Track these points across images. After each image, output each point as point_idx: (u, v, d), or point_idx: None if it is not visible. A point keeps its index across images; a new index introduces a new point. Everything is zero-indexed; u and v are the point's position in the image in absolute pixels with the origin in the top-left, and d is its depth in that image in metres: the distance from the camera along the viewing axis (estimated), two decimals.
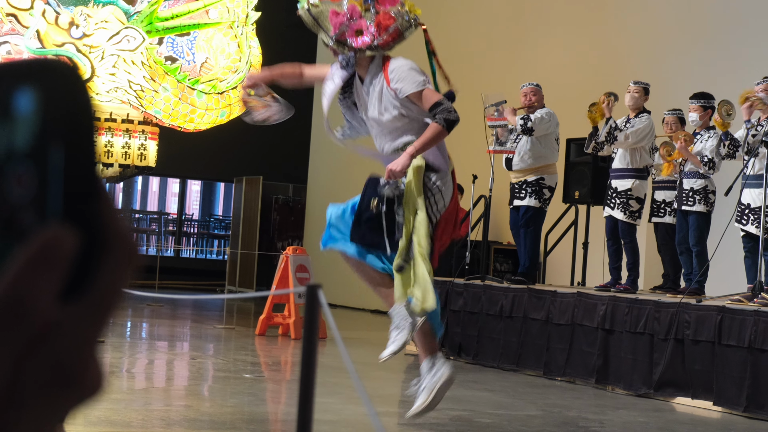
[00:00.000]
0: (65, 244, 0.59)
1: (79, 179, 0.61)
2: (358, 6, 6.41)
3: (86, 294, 0.60)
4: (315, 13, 6.45)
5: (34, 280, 0.58)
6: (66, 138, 0.60)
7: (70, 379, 0.59)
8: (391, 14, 6.42)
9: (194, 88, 15.02)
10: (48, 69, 0.62)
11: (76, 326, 0.60)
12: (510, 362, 10.73)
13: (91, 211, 0.61)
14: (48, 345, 0.59)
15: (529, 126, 10.95)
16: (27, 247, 0.59)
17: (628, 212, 10.61)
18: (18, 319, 0.58)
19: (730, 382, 8.57)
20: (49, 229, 0.59)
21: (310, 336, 2.83)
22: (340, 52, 6.44)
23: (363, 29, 6.35)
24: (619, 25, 14.52)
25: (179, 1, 15.15)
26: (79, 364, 0.60)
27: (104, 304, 0.61)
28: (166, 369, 9.90)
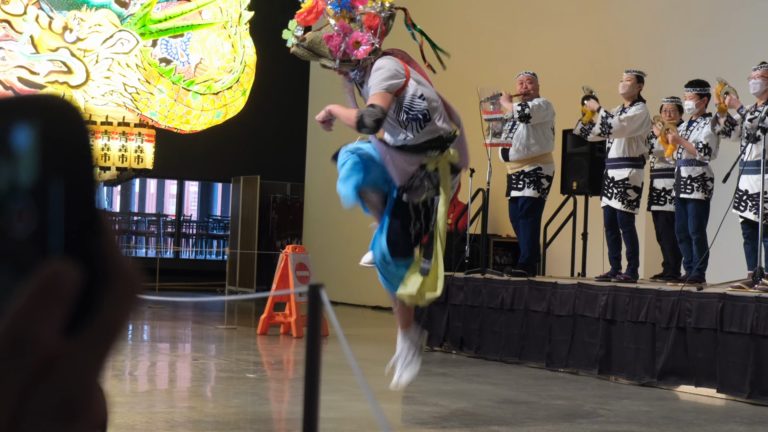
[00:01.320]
0: (68, 278, 0.59)
1: (80, 213, 0.61)
2: (344, 20, 6.56)
3: (89, 328, 0.60)
4: (307, 45, 6.59)
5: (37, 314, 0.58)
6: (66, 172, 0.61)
7: (73, 413, 0.60)
8: (372, 13, 6.55)
9: (189, 89, 15.01)
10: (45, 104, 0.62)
11: (79, 360, 0.60)
12: (512, 355, 10.73)
13: (93, 245, 0.61)
14: (51, 379, 0.59)
15: (526, 112, 10.94)
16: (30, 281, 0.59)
17: (626, 201, 10.61)
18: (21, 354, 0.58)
19: (733, 369, 8.57)
20: (52, 263, 0.59)
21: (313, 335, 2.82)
22: (347, 69, 6.60)
23: (359, 39, 6.47)
24: (614, 13, 14.51)
25: (172, 3, 15.14)
26: (83, 397, 0.60)
27: (107, 337, 0.61)
28: (169, 371, 9.90)
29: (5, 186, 0.60)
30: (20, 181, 0.60)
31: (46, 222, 0.60)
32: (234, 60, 15.46)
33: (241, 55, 15.49)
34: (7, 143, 0.61)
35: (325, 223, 19.59)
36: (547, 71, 13.79)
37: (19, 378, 0.58)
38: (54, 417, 0.59)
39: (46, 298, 0.59)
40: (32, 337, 0.58)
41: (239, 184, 22.39)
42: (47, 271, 0.59)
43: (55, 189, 0.60)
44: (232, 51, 15.46)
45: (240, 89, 15.48)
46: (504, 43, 16.16)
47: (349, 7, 6.58)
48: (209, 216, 27.58)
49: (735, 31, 12.76)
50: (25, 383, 0.58)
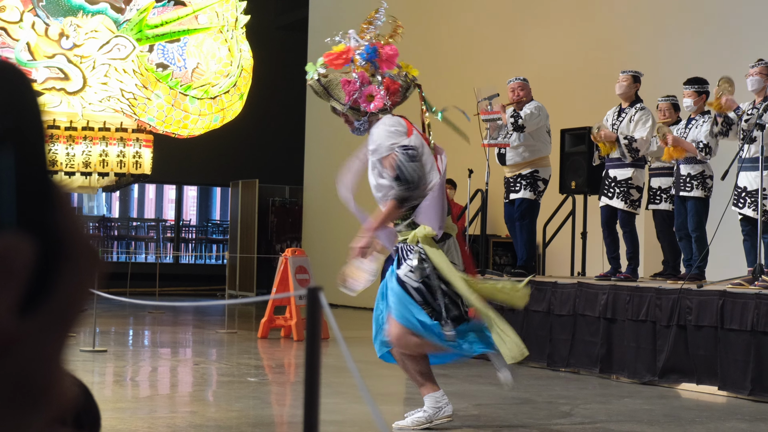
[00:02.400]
0: (21, 253, 0.56)
1: (33, 185, 0.57)
2: (366, 73, 6.75)
3: (46, 305, 0.57)
4: (325, 83, 6.77)
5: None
6: (15, 141, 0.57)
7: (35, 395, 0.56)
8: (396, 79, 6.78)
9: (187, 94, 15.01)
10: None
11: (37, 339, 0.56)
12: None
13: (48, 218, 0.58)
14: (9, 360, 0.55)
15: (519, 123, 10.95)
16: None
17: (629, 201, 10.60)
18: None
19: (734, 366, 8.57)
20: (3, 238, 0.56)
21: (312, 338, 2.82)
22: (354, 118, 6.77)
23: (374, 94, 6.64)
24: (610, 12, 14.52)
25: (168, 8, 15.14)
26: (44, 378, 0.57)
27: (65, 314, 0.58)
28: (170, 376, 9.90)
29: None
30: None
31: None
32: (231, 64, 15.46)
33: (238, 59, 15.50)
34: None
35: (325, 226, 19.59)
36: (543, 72, 13.80)
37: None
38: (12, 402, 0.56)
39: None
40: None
41: (238, 188, 22.40)
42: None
43: (4, 159, 0.57)
44: (228, 55, 15.46)
45: (237, 93, 15.48)
46: (500, 43, 16.16)
47: (375, 64, 6.78)
48: (208, 220, 27.58)
49: (732, 29, 12.76)
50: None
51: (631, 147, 10.54)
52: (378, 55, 6.79)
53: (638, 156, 10.56)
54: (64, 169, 14.87)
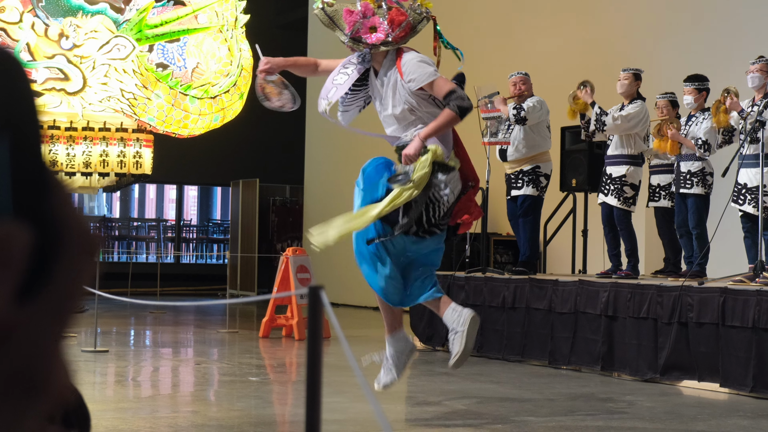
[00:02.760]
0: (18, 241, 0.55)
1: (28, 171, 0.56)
2: (371, 3, 6.62)
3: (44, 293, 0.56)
4: (330, 12, 6.65)
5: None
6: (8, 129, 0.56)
7: (33, 384, 0.56)
8: (404, 9, 6.63)
9: (187, 94, 15.01)
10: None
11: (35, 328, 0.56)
12: (514, 353, 10.73)
13: (44, 205, 0.57)
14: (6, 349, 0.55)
15: (522, 115, 10.95)
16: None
17: (623, 198, 10.60)
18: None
19: (735, 363, 8.57)
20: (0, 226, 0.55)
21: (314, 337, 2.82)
22: (356, 48, 6.67)
23: (377, 26, 6.56)
24: (610, 9, 14.51)
25: (168, 8, 15.14)
26: (43, 367, 0.56)
27: (64, 301, 0.57)
28: (172, 375, 9.90)
29: None
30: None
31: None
32: (231, 63, 15.46)
33: (238, 59, 15.50)
34: None
35: None
36: (543, 69, 13.80)
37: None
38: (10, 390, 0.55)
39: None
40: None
41: (238, 187, 22.40)
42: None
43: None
44: (228, 55, 15.46)
45: (237, 93, 15.49)
46: (500, 41, 16.16)
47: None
48: (209, 220, 27.58)
49: (731, 26, 12.76)
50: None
51: (599, 118, 10.55)
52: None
53: (602, 131, 10.57)
54: (65, 169, 14.88)
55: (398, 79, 6.62)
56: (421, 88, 6.55)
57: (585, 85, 10.80)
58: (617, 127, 10.51)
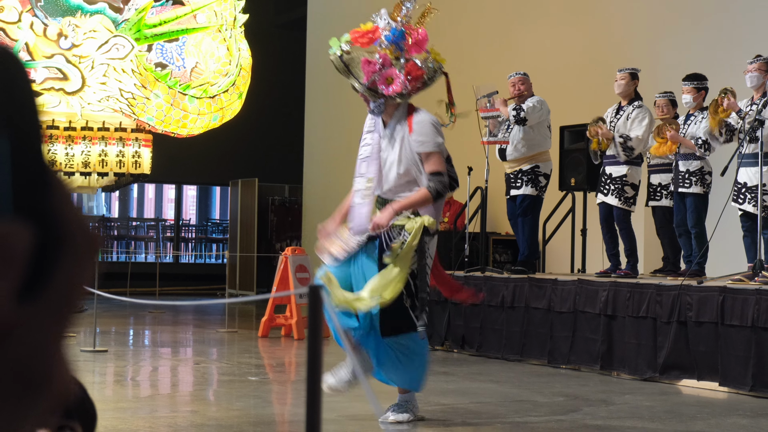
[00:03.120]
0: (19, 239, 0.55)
1: (28, 170, 0.56)
2: (389, 55, 6.68)
3: (45, 291, 0.56)
4: (346, 60, 6.71)
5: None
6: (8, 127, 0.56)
7: (35, 383, 0.56)
8: (420, 65, 6.71)
9: (186, 93, 15.01)
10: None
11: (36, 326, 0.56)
12: (514, 352, 10.73)
13: (45, 204, 0.57)
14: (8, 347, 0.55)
15: (522, 116, 10.95)
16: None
17: (623, 198, 10.60)
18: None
19: (735, 362, 8.57)
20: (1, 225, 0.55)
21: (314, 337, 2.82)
22: (371, 99, 6.71)
23: (393, 77, 6.60)
24: (609, 9, 14.51)
25: (167, 8, 15.14)
26: (44, 365, 0.56)
27: (65, 300, 0.57)
28: (171, 375, 9.90)
29: None
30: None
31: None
32: (230, 63, 15.46)
33: (237, 58, 15.50)
34: None
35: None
36: (542, 68, 13.80)
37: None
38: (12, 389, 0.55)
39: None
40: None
41: (237, 187, 22.40)
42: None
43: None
44: (227, 54, 15.46)
45: (236, 92, 15.48)
46: (499, 41, 16.16)
47: (401, 47, 6.72)
48: (208, 220, 27.58)
49: (730, 25, 12.76)
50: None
51: (626, 146, 10.53)
52: (404, 38, 6.71)
53: (633, 155, 10.56)
54: (64, 169, 14.87)
55: (407, 134, 6.69)
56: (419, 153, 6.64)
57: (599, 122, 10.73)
58: (643, 143, 10.53)
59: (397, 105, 6.74)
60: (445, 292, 7.43)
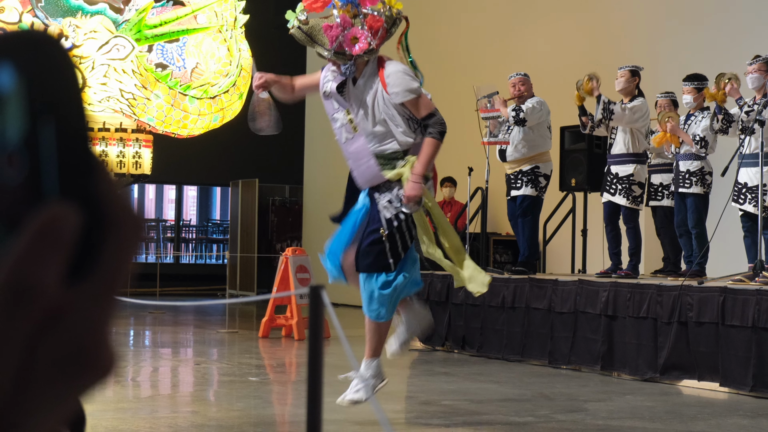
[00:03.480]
0: (67, 222, 0.57)
1: (74, 154, 0.58)
2: (347, 15, 6.64)
3: (92, 272, 0.58)
4: (307, 30, 6.68)
5: (38, 262, 0.56)
6: (55, 112, 0.58)
7: (84, 360, 0.58)
8: (378, 15, 6.63)
9: (186, 94, 15.01)
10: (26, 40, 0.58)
11: (85, 306, 0.58)
12: (514, 353, 10.73)
13: (90, 187, 0.58)
14: (59, 328, 0.57)
15: (521, 117, 10.94)
16: (27, 228, 0.56)
17: (631, 197, 10.60)
18: (25, 304, 0.56)
19: (735, 362, 8.57)
20: (49, 208, 0.56)
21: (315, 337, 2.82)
22: (340, 62, 6.69)
23: (357, 36, 6.55)
24: (610, 9, 14.52)
25: (167, 8, 15.14)
26: (93, 344, 0.58)
27: (112, 281, 0.59)
28: (171, 376, 9.90)
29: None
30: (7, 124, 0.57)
31: (39, 166, 0.57)
32: (230, 64, 15.46)
33: (237, 59, 15.50)
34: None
35: (325, 224, 19.51)
36: (542, 68, 13.80)
37: (24, 328, 0.56)
38: (63, 367, 0.57)
39: (45, 244, 0.56)
40: (35, 286, 0.56)
41: (238, 187, 22.40)
42: (45, 216, 0.56)
43: (45, 130, 0.57)
44: (228, 55, 15.46)
45: (237, 93, 15.48)
46: (499, 41, 16.16)
47: (355, 3, 6.67)
48: (208, 220, 27.58)
49: (731, 25, 12.76)
50: (31, 334, 0.56)
51: (607, 107, 10.54)
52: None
53: (610, 118, 10.56)
54: None
55: (380, 89, 6.67)
56: (402, 104, 6.62)
57: (593, 79, 10.77)
58: (623, 117, 10.49)
59: (366, 62, 6.71)
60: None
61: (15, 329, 0.56)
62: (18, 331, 0.56)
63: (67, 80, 0.59)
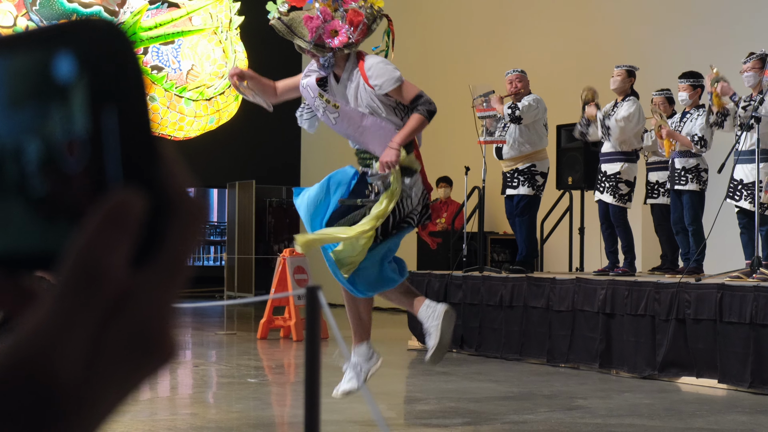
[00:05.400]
0: (133, 207, 0.58)
1: (136, 140, 0.59)
2: (328, 8, 6.63)
3: (157, 258, 0.59)
4: (287, 21, 6.69)
5: (105, 246, 0.57)
6: (116, 99, 0.58)
7: (149, 346, 0.59)
8: (359, 10, 6.65)
9: (182, 96, 15.01)
10: (87, 28, 0.59)
11: (150, 292, 0.59)
12: (513, 352, 10.73)
13: (154, 173, 0.59)
14: (125, 312, 0.58)
15: (517, 115, 10.95)
16: (95, 213, 0.57)
17: (618, 195, 10.61)
18: (93, 287, 0.57)
19: (733, 359, 8.57)
20: (115, 193, 0.57)
21: (312, 338, 2.83)
22: (319, 54, 6.69)
23: (337, 29, 6.56)
24: (605, 7, 14.52)
25: (162, 10, 15.14)
26: (157, 330, 0.59)
27: (176, 267, 0.60)
28: (170, 378, 9.89)
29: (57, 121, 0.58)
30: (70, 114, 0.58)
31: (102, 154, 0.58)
32: (225, 65, 15.45)
33: (233, 61, 15.49)
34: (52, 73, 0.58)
35: None
36: (538, 67, 13.80)
37: (92, 311, 0.57)
38: (131, 350, 0.58)
39: (112, 228, 0.57)
40: (102, 269, 0.57)
41: (234, 189, 22.39)
42: (112, 201, 0.57)
43: (108, 119, 0.58)
44: (223, 56, 15.46)
45: (233, 94, 15.48)
46: (495, 40, 16.16)
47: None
48: (206, 222, 27.57)
49: (726, 23, 12.77)
50: (99, 317, 0.57)
51: (603, 123, 10.58)
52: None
53: (608, 136, 10.58)
54: None
55: (361, 82, 6.67)
56: (387, 94, 6.60)
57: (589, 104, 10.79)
58: (622, 130, 10.53)
59: (346, 56, 6.71)
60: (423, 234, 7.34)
61: (86, 312, 0.57)
62: (88, 314, 0.57)
63: (128, 68, 0.59)
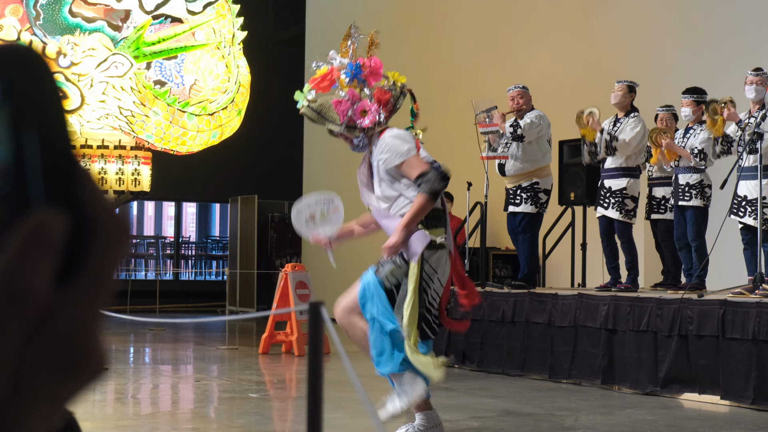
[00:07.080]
0: (54, 227, 0.59)
1: (57, 162, 0.60)
2: (355, 89, 6.69)
3: (80, 276, 0.60)
4: (317, 108, 6.71)
5: (27, 266, 0.58)
6: (37, 121, 0.60)
7: (75, 362, 0.60)
8: (385, 89, 6.71)
9: (185, 111, 15.02)
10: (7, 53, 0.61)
11: (74, 309, 0.60)
12: (515, 367, 10.71)
13: (75, 193, 0.60)
14: (49, 330, 0.59)
15: (519, 133, 10.94)
16: (16, 234, 0.58)
17: (624, 211, 10.61)
18: (16, 306, 0.58)
19: (736, 375, 8.56)
20: (36, 214, 0.58)
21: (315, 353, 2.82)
22: (351, 136, 6.68)
23: (367, 108, 6.58)
24: (607, 23, 14.54)
25: (165, 25, 15.16)
26: (83, 346, 0.60)
27: (99, 284, 0.61)
28: (172, 393, 9.88)
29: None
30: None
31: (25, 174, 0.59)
32: (228, 80, 15.48)
33: (236, 75, 15.51)
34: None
35: None
36: (540, 82, 13.81)
37: (16, 330, 0.58)
38: (58, 365, 0.59)
39: (34, 248, 0.58)
40: (25, 288, 0.58)
41: (237, 204, 22.40)
42: (33, 221, 0.58)
43: (28, 139, 0.59)
44: (226, 71, 15.48)
45: (235, 109, 15.50)
46: (497, 55, 16.18)
47: (361, 79, 6.70)
48: (208, 237, 27.57)
49: (728, 38, 12.78)
50: (22, 335, 0.58)
51: (610, 144, 10.56)
52: (362, 70, 6.74)
53: (614, 155, 10.58)
54: None
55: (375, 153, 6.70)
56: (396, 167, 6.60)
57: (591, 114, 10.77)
58: (627, 149, 10.52)
59: (377, 134, 6.72)
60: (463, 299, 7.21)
61: (8, 332, 0.58)
62: (11, 333, 0.58)
63: (49, 91, 0.61)
